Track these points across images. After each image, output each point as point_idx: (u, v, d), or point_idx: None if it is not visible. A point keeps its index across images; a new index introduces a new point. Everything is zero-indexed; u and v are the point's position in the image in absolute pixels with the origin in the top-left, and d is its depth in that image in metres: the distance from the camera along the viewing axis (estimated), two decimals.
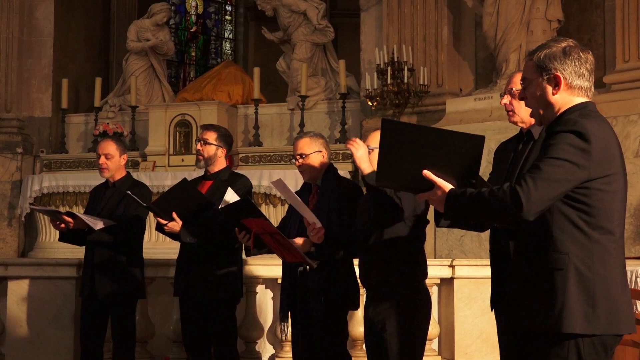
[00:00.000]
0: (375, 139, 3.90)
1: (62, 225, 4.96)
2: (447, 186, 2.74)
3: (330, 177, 4.37)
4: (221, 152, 4.90)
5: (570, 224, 2.63)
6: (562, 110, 2.72)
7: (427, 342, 5.70)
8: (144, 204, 4.78)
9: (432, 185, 2.76)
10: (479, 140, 2.74)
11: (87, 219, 4.80)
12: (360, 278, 4.08)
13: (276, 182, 4.06)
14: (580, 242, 2.62)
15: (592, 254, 2.62)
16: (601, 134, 2.61)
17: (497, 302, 3.31)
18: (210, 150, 4.87)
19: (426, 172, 2.74)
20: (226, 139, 4.95)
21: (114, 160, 5.10)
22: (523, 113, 3.30)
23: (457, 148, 2.75)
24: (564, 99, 2.72)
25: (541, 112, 2.76)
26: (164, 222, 4.66)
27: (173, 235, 4.77)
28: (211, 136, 4.88)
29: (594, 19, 8.52)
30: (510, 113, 3.39)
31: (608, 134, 2.66)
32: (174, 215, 4.63)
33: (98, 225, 4.81)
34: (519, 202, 2.54)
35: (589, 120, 2.63)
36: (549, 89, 2.72)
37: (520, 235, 2.80)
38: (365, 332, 4.01)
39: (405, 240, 3.85)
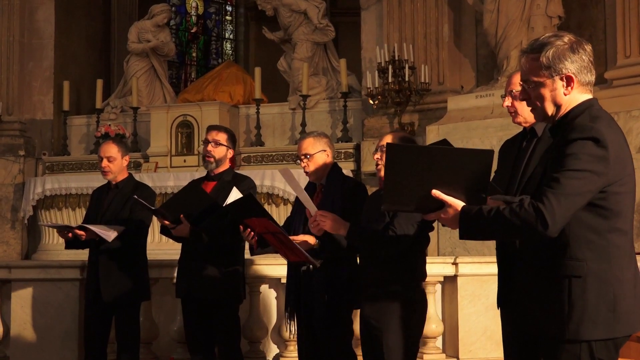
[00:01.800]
0: (389, 139, 3.89)
1: (70, 234, 4.98)
2: (459, 204, 2.68)
3: (334, 176, 4.37)
4: (230, 154, 4.91)
5: (586, 229, 2.60)
6: (568, 108, 2.68)
7: (432, 340, 5.73)
8: (152, 208, 4.78)
9: (442, 204, 2.71)
10: (487, 155, 2.69)
11: (100, 231, 4.80)
12: (358, 275, 4.09)
13: (284, 170, 4.06)
14: (596, 247, 2.59)
15: (610, 257, 2.59)
16: (615, 137, 2.58)
17: (504, 301, 3.30)
18: (221, 151, 4.86)
19: (435, 192, 2.69)
20: (233, 139, 4.97)
21: (116, 163, 5.10)
22: (526, 113, 3.30)
23: (465, 165, 2.70)
24: (571, 97, 2.68)
25: (549, 112, 2.71)
26: (172, 225, 4.65)
27: (177, 238, 4.76)
28: (223, 137, 4.88)
29: (594, 15, 8.51)
30: (513, 114, 3.39)
31: (619, 135, 2.63)
32: (182, 218, 4.62)
33: (111, 236, 4.81)
34: (545, 222, 2.49)
35: (602, 122, 2.59)
36: (561, 89, 2.67)
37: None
38: (360, 329, 4.02)
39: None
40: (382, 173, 3.84)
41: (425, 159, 2.73)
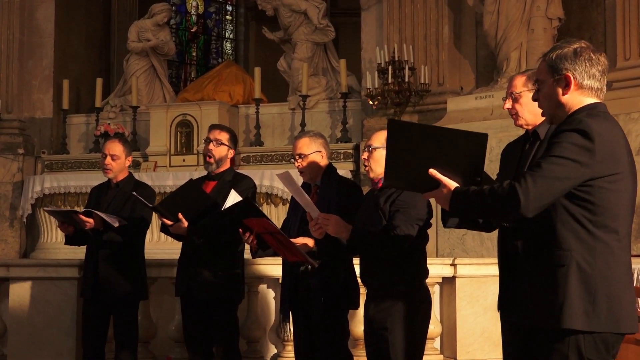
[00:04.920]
0: (377, 138, 3.92)
1: (71, 228, 4.97)
2: (452, 184, 2.77)
3: (329, 177, 4.36)
4: (231, 154, 4.90)
5: (574, 221, 2.65)
6: (572, 110, 2.74)
7: (429, 341, 5.73)
8: (150, 205, 4.78)
9: (438, 183, 2.79)
10: (482, 138, 2.77)
11: (106, 217, 4.80)
12: (360, 277, 4.08)
13: (282, 174, 4.02)
14: (583, 240, 2.64)
15: (595, 251, 2.63)
16: (606, 134, 2.62)
17: (504, 303, 3.31)
18: (222, 151, 4.85)
19: (432, 171, 2.78)
20: (235, 140, 4.96)
21: (119, 162, 5.09)
22: (527, 115, 3.31)
23: (461, 146, 2.78)
24: (574, 99, 2.74)
25: (552, 112, 2.79)
26: (170, 223, 4.65)
27: (177, 236, 4.76)
28: (225, 137, 4.87)
29: (594, 17, 8.52)
30: (514, 116, 3.39)
31: (615, 134, 2.67)
32: (180, 216, 4.62)
33: (116, 222, 4.81)
34: (517, 199, 2.57)
35: (596, 119, 2.64)
36: (560, 89, 2.74)
37: (526, 233, 2.82)
38: (365, 330, 4.02)
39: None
40: (371, 175, 3.91)
41: (424, 137, 2.83)
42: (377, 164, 3.90)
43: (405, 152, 2.82)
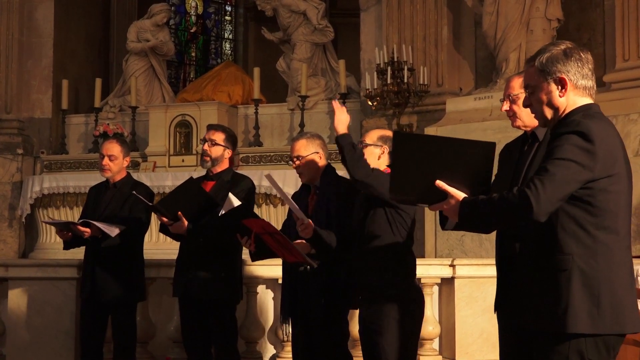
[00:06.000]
0: (370, 136, 3.97)
1: (69, 234, 4.97)
2: (460, 195, 2.74)
3: (328, 177, 4.36)
4: (227, 154, 4.89)
5: (575, 224, 2.65)
6: (567, 111, 2.74)
7: (428, 341, 5.74)
8: (150, 204, 4.78)
9: (445, 195, 2.76)
10: (489, 147, 2.75)
11: (103, 227, 4.79)
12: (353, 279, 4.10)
13: (267, 176, 4.13)
14: (584, 243, 2.64)
15: (596, 254, 2.63)
16: (604, 135, 2.63)
17: (501, 304, 3.31)
18: (217, 151, 4.85)
19: (439, 182, 2.75)
20: (232, 140, 4.95)
21: (117, 162, 5.09)
22: (525, 117, 3.31)
23: (468, 156, 2.76)
24: (569, 100, 2.75)
25: (548, 115, 2.78)
26: (169, 222, 4.65)
27: (176, 236, 4.76)
28: (219, 137, 4.86)
29: (593, 18, 8.52)
30: (512, 118, 3.39)
31: (611, 135, 2.68)
32: (180, 215, 4.62)
33: (114, 232, 4.80)
34: (529, 205, 2.56)
35: (593, 121, 2.65)
36: (556, 91, 2.74)
37: (526, 237, 2.82)
38: (360, 332, 4.03)
39: (393, 242, 3.86)
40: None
41: (430, 148, 2.80)
42: (368, 160, 3.94)
43: (412, 164, 2.77)
